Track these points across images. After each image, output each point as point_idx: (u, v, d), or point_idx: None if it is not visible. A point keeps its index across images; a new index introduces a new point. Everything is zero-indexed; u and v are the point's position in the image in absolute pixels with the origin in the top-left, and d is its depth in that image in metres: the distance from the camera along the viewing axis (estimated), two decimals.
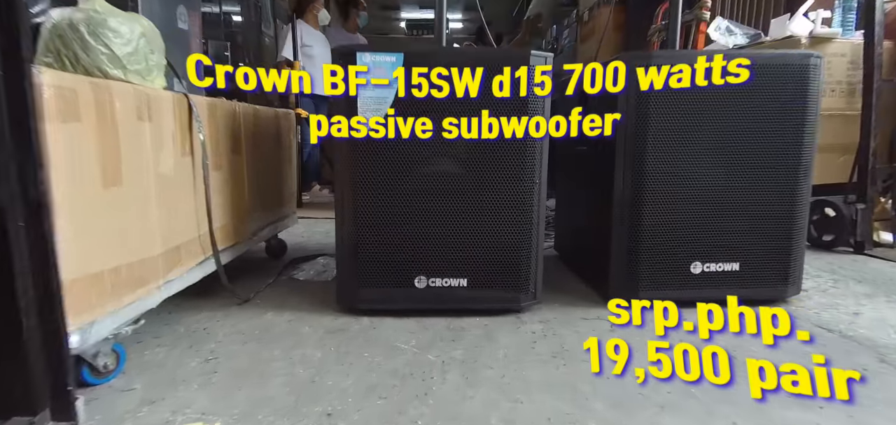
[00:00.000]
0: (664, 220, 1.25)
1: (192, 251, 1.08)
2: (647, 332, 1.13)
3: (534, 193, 1.19)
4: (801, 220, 1.29)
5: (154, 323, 1.17)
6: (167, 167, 0.97)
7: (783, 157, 1.25)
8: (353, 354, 1.02)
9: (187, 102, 1.05)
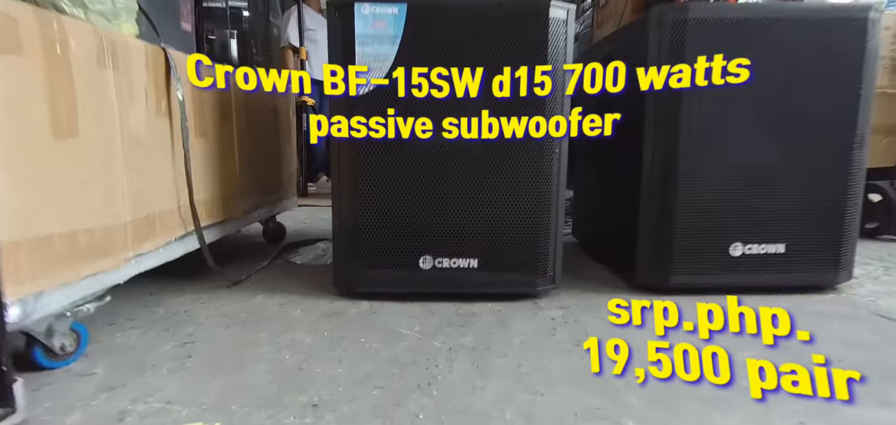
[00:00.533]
0: (699, 197, 1.11)
1: (170, 223, 0.97)
2: None
3: (553, 164, 1.06)
4: (855, 197, 1.14)
5: (130, 304, 1.06)
6: (138, 125, 0.86)
7: (835, 125, 1.10)
8: (348, 339, 0.90)
9: (164, 56, 0.93)
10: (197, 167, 1.06)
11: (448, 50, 1.01)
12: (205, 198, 1.10)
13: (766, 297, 1.12)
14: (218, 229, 1.17)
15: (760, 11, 1.06)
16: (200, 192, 1.07)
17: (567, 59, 1.05)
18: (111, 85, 0.78)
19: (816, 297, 1.14)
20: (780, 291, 1.16)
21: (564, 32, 1.03)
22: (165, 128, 0.95)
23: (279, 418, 0.66)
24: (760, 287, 1.16)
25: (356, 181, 1.05)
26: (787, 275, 1.14)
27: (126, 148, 0.82)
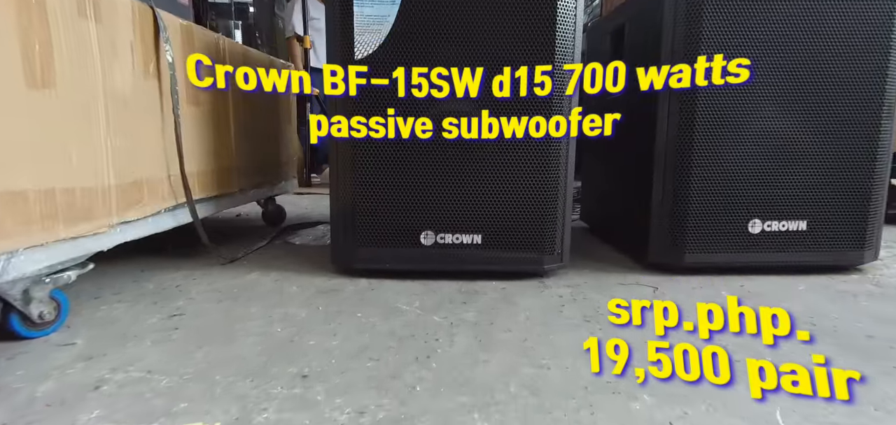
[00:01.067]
0: (716, 170, 1.05)
1: (159, 192, 0.92)
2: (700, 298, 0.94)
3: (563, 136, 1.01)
4: (883, 172, 1.07)
5: (119, 278, 1.02)
6: (123, 83, 0.81)
7: (862, 96, 1.04)
8: (344, 314, 0.85)
9: (153, 15, 0.89)
10: (189, 136, 1.01)
11: (451, 13, 0.95)
12: (197, 170, 1.06)
13: (786, 278, 1.06)
14: (212, 204, 1.13)
15: None
16: (192, 163, 1.03)
17: (577, 23, 0.99)
18: (93, 37, 0.74)
19: (841, 277, 1.07)
20: (801, 271, 1.10)
21: (574, 13, 0.98)
22: (154, 90, 0.90)
23: (266, 388, 0.61)
24: (780, 266, 1.10)
25: (355, 153, 1.00)
26: (809, 253, 1.08)
27: (110, 106, 0.78)
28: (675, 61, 1.03)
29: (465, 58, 0.97)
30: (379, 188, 1.01)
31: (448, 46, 0.97)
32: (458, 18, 0.96)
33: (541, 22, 0.96)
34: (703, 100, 1.03)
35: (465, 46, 0.97)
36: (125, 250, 0.89)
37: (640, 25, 1.17)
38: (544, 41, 0.96)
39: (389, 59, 0.97)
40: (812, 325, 0.82)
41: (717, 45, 1.01)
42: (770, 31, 1.01)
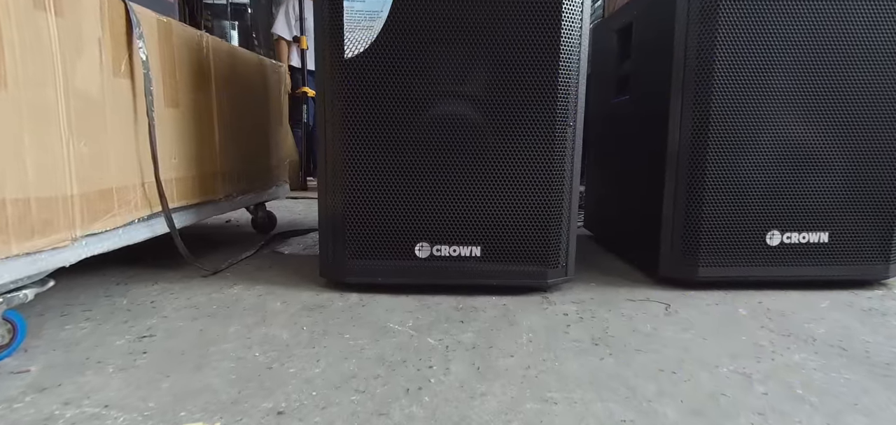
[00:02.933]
0: (732, 178, 0.98)
1: (132, 201, 0.85)
2: (717, 317, 0.86)
3: (567, 139, 0.94)
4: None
5: (92, 291, 0.95)
6: (89, 83, 0.74)
7: (888, 99, 0.97)
8: (330, 335, 0.78)
9: (124, 8, 0.82)
10: (167, 139, 0.94)
11: (449, 8, 0.88)
12: (176, 176, 0.99)
13: (807, 293, 0.99)
14: (192, 212, 1.06)
15: None
16: (171, 169, 0.96)
17: (583, 20, 0.92)
18: (52, 31, 0.67)
19: (865, 293, 1.00)
20: (822, 286, 1.03)
21: (580, 10, 0.91)
22: (126, 91, 0.83)
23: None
24: (800, 281, 1.02)
25: (345, 158, 0.93)
26: (830, 268, 1.01)
27: (73, 108, 0.71)
28: (689, 61, 0.97)
29: (465, 56, 0.91)
30: (371, 195, 0.94)
31: (446, 45, 0.90)
32: (457, 15, 0.89)
33: (545, 20, 0.89)
34: (718, 101, 0.96)
35: (465, 44, 0.90)
36: (102, 260, 0.82)
37: (649, 23, 1.10)
38: (549, 40, 0.89)
39: (382, 58, 0.90)
40: (842, 349, 0.74)
41: (734, 44, 0.94)
42: (792, 31, 0.94)
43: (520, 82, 0.91)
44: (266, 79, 1.40)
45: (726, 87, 0.96)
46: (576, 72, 0.93)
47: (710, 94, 0.96)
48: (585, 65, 0.94)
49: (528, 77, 0.90)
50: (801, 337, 0.79)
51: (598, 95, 1.42)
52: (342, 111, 0.92)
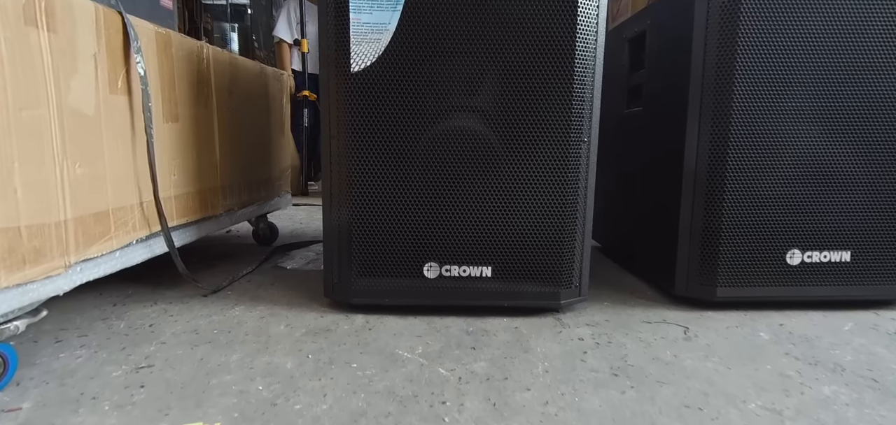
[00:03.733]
0: (752, 195, 0.94)
1: (130, 222, 0.82)
2: (738, 342, 0.83)
3: (581, 155, 0.90)
4: None
5: (88, 314, 0.92)
6: (85, 102, 0.71)
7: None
8: (336, 365, 0.74)
9: (122, 23, 0.78)
10: (166, 156, 0.91)
11: (459, 20, 0.85)
12: (176, 193, 0.95)
13: (829, 314, 0.96)
14: (193, 229, 1.02)
15: None
16: (170, 187, 0.93)
17: (599, 30, 0.89)
18: (44, 49, 0.63)
19: (888, 314, 0.97)
20: (842, 306, 0.99)
21: (596, 2, 0.87)
22: (123, 108, 0.80)
23: None
24: (822, 301, 0.99)
25: (351, 174, 0.90)
26: (852, 287, 0.98)
27: (67, 128, 0.68)
28: (707, 74, 0.93)
29: (476, 68, 0.87)
30: (377, 213, 0.91)
31: (456, 57, 0.87)
32: (467, 25, 0.85)
33: (559, 32, 0.85)
34: (737, 116, 0.92)
35: (476, 56, 0.87)
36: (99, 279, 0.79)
37: (663, 33, 1.07)
38: (563, 53, 0.86)
39: (390, 71, 0.86)
40: (873, 380, 0.71)
41: (754, 56, 0.90)
42: (814, 44, 0.91)
43: (532, 96, 0.87)
44: (267, 87, 1.37)
45: (746, 101, 0.92)
46: (591, 85, 0.90)
47: (729, 107, 0.93)
48: (600, 78, 0.91)
49: (542, 90, 0.87)
50: (828, 366, 0.75)
51: (609, 103, 1.38)
52: (348, 126, 0.88)
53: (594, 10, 0.87)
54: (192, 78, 0.99)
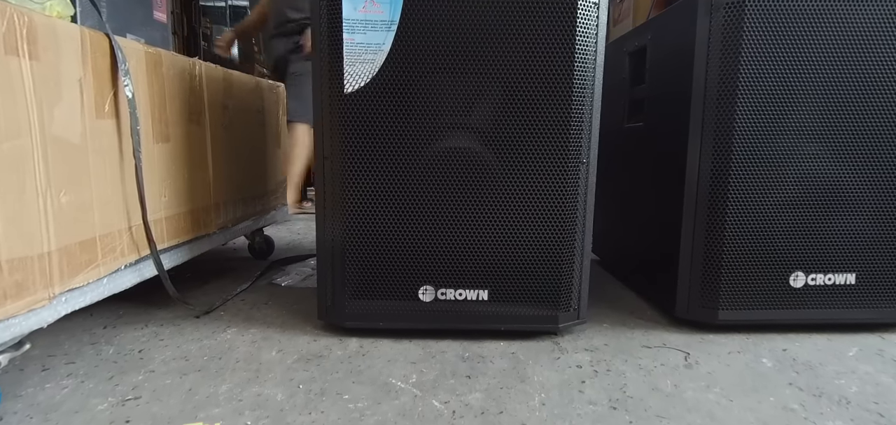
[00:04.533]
0: (755, 215, 0.92)
1: (118, 247, 0.80)
2: (741, 370, 0.81)
3: (579, 178, 0.88)
4: None
5: (77, 337, 0.90)
6: (69, 129, 0.69)
7: None
8: (328, 396, 0.73)
9: (109, 44, 0.77)
10: (156, 177, 0.89)
11: (454, 39, 0.83)
12: (167, 214, 0.94)
13: (833, 338, 0.94)
14: (185, 250, 1.01)
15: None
16: (161, 208, 0.91)
17: (598, 48, 0.87)
18: (26, 78, 0.62)
19: (894, 337, 0.95)
20: (847, 329, 0.97)
21: (596, 17, 0.85)
22: (111, 132, 0.78)
23: None
24: (826, 324, 0.97)
25: (344, 195, 0.88)
26: (857, 310, 0.96)
27: (49, 157, 0.66)
28: (709, 91, 0.91)
29: (472, 86, 0.85)
30: (371, 236, 0.89)
31: (451, 75, 0.85)
32: (463, 43, 0.83)
33: (557, 49, 0.83)
34: (740, 132, 0.90)
35: (472, 74, 0.85)
36: None
37: (665, 49, 1.05)
38: (561, 71, 0.84)
39: (383, 91, 0.85)
40: (879, 416, 0.69)
41: (757, 73, 0.88)
42: (819, 62, 0.89)
43: (529, 115, 0.85)
44: (263, 101, 1.35)
45: (749, 120, 0.90)
46: (590, 104, 0.88)
47: (731, 126, 0.91)
48: (600, 96, 0.89)
49: (539, 109, 0.85)
50: (833, 398, 0.73)
51: (610, 116, 1.36)
52: (341, 148, 0.87)
53: (593, 27, 0.85)
54: (184, 96, 0.97)
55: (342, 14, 0.83)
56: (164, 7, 1.15)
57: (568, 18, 0.83)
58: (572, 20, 0.83)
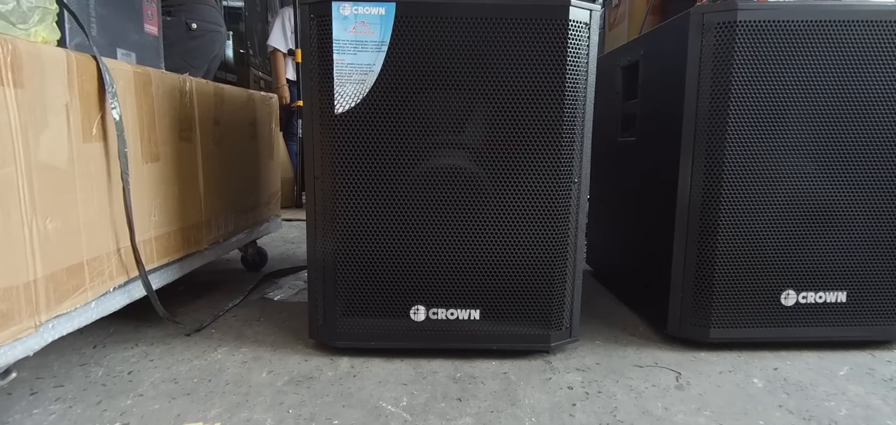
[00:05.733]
0: (747, 234, 0.92)
1: (107, 270, 0.80)
2: (731, 391, 0.81)
3: (571, 197, 0.88)
4: None
5: (66, 357, 0.90)
6: (56, 155, 0.69)
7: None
8: (318, 421, 0.72)
9: (96, 67, 0.76)
10: (145, 197, 0.89)
11: (445, 58, 0.83)
12: (157, 234, 0.93)
13: (824, 356, 0.94)
14: (176, 268, 1.00)
15: (827, 12, 0.87)
16: (150, 228, 0.90)
17: (589, 67, 0.87)
18: (10, 106, 0.61)
19: (885, 355, 0.95)
20: (838, 346, 0.98)
21: (587, 38, 0.85)
22: (99, 155, 0.77)
23: None
24: (817, 342, 0.97)
25: (335, 215, 0.87)
26: (847, 328, 0.96)
27: (35, 185, 0.65)
28: (701, 109, 0.91)
29: (463, 104, 0.85)
30: (362, 256, 0.88)
31: (442, 92, 0.85)
32: (453, 61, 0.83)
33: (548, 66, 0.83)
34: (731, 151, 0.90)
35: (463, 91, 0.84)
36: None
37: (657, 65, 1.05)
38: (552, 88, 0.84)
39: (374, 111, 0.84)
40: None
41: (749, 92, 0.88)
42: (811, 81, 0.89)
43: (521, 134, 0.85)
44: (255, 113, 1.35)
45: (741, 138, 0.90)
46: (581, 123, 0.88)
47: (723, 145, 0.91)
48: (592, 115, 0.89)
49: (530, 129, 0.85)
50: (822, 422, 0.73)
51: (603, 129, 1.36)
52: (332, 167, 0.86)
53: (584, 47, 0.85)
54: (174, 114, 0.97)
55: (332, 35, 0.82)
56: (155, 20, 1.14)
57: (559, 39, 0.82)
58: (563, 41, 0.82)
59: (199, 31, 1.81)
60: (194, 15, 1.81)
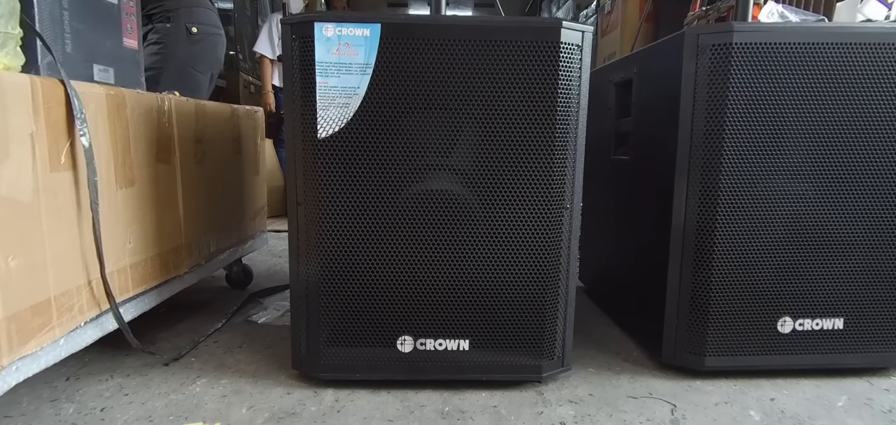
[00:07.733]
0: (743, 259, 0.90)
1: (76, 304, 0.76)
2: None
3: (563, 223, 0.86)
4: None
5: (35, 395, 0.86)
6: (20, 188, 0.65)
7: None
8: None
9: (64, 91, 0.72)
10: (119, 224, 0.85)
11: (433, 81, 0.80)
12: (133, 262, 0.89)
13: (822, 385, 0.92)
14: (154, 295, 0.96)
15: (824, 34, 0.85)
16: (125, 256, 0.87)
17: (581, 91, 0.84)
18: None
19: (883, 383, 0.93)
20: (836, 373, 0.95)
21: (579, 60, 0.83)
22: (68, 184, 0.73)
23: None
24: (814, 370, 0.95)
25: (319, 242, 0.84)
26: (845, 355, 0.94)
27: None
28: (696, 131, 0.89)
29: (452, 127, 0.82)
30: (347, 284, 0.85)
31: (429, 113, 0.81)
32: (441, 81, 0.80)
33: (540, 87, 0.80)
34: (727, 175, 0.88)
35: (451, 113, 0.81)
36: None
37: (651, 84, 1.02)
38: (544, 110, 0.81)
39: (359, 134, 0.81)
40: None
41: (745, 116, 0.86)
42: (809, 102, 0.86)
43: (512, 158, 0.82)
44: (239, 129, 1.31)
45: (736, 162, 0.88)
46: (574, 146, 0.85)
47: (718, 168, 0.88)
48: (584, 137, 0.86)
49: (521, 152, 0.82)
50: None
51: (597, 146, 1.33)
52: (315, 194, 0.83)
53: (576, 69, 0.82)
54: (151, 136, 0.93)
55: (315, 57, 0.79)
56: (135, 33, 1.10)
57: (551, 62, 0.80)
58: (555, 64, 0.80)
59: (199, 35, 1.77)
60: (193, 18, 1.76)
